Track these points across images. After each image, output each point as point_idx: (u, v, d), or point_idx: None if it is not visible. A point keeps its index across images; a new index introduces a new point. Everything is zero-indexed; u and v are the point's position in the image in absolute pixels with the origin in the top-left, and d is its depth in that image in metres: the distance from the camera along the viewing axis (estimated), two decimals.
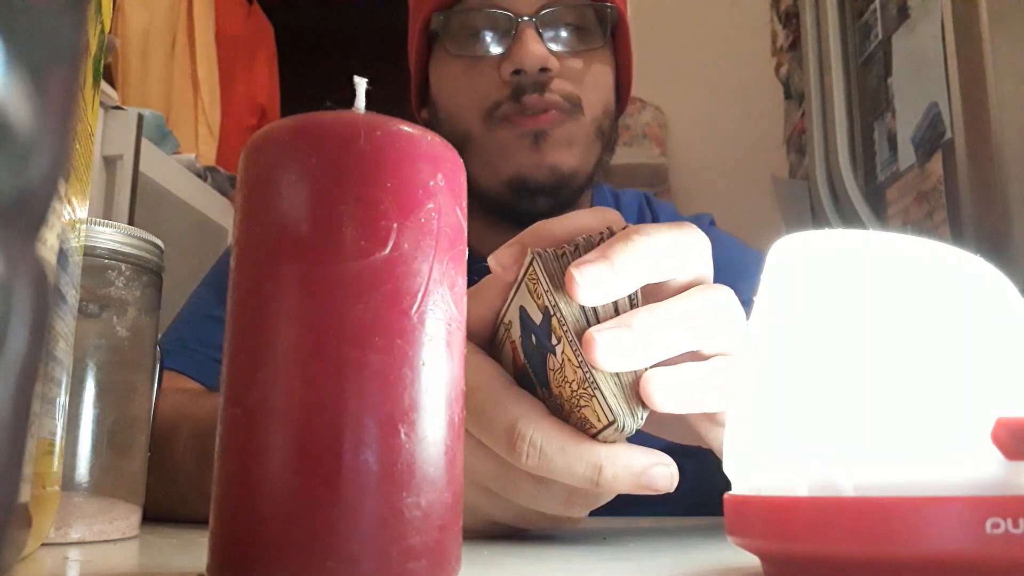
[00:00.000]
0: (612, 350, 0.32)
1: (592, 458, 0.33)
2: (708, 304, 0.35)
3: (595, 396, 0.33)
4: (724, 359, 0.36)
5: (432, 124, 0.72)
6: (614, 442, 0.34)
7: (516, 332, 0.37)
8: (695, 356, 0.36)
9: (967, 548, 0.20)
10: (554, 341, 0.34)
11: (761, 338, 0.26)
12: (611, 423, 0.33)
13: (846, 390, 0.22)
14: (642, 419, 0.33)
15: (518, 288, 0.36)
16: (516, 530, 0.40)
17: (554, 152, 0.66)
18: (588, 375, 0.32)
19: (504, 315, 0.38)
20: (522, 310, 0.36)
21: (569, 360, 0.33)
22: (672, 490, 0.34)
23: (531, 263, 0.35)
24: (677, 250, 0.35)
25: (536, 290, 0.35)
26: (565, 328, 0.33)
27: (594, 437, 0.34)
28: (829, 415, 0.22)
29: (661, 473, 0.34)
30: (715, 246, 0.38)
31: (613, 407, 0.32)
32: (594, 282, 0.32)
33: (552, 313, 0.34)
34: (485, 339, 0.39)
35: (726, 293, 0.36)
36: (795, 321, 0.25)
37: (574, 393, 0.34)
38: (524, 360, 0.37)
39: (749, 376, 0.26)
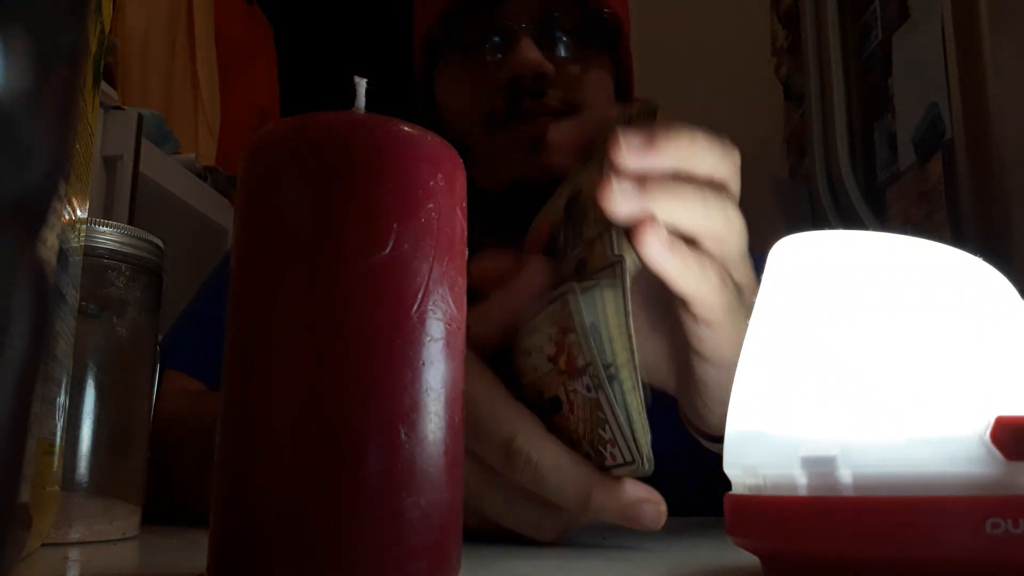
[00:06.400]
0: (626, 199, 0.34)
1: (585, 484, 0.34)
2: (704, 142, 0.39)
3: (622, 437, 0.33)
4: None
5: (435, 128, 0.72)
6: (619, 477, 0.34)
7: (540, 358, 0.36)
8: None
9: (967, 548, 0.20)
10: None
11: (761, 338, 0.26)
12: (632, 462, 0.33)
13: (846, 390, 0.22)
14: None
15: (545, 313, 0.35)
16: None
17: (554, 155, 0.66)
18: (621, 415, 0.32)
19: (524, 342, 0.37)
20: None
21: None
22: (658, 528, 0.35)
23: (564, 296, 0.34)
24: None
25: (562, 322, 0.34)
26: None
27: (607, 470, 0.34)
28: (829, 415, 0.22)
29: (650, 511, 0.34)
30: None
31: (640, 450, 0.33)
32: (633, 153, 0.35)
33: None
34: (488, 354, 0.39)
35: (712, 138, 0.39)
36: (795, 321, 0.25)
37: (594, 430, 0.34)
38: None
39: (749, 375, 0.26)
